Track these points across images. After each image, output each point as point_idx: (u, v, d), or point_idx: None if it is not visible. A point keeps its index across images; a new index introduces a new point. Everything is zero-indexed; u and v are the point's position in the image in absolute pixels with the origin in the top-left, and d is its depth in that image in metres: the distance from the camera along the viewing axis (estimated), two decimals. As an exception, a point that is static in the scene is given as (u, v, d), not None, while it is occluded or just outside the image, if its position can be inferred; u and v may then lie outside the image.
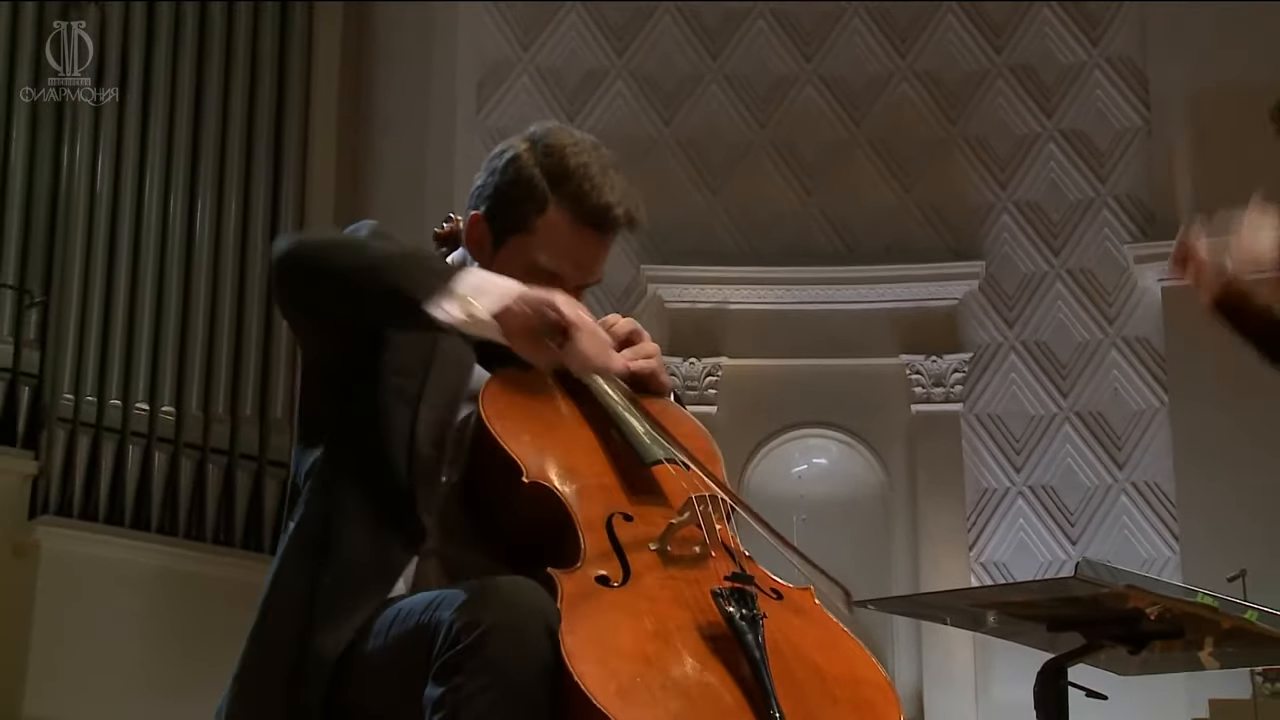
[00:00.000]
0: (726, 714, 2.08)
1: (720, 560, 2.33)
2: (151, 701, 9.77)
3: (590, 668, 2.07)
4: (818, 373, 10.71)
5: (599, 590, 2.23)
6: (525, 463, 2.39)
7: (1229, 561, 8.34)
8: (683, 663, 2.14)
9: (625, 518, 2.37)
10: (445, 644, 2.08)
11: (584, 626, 2.13)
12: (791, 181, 11.33)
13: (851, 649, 2.30)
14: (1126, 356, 10.86)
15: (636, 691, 2.07)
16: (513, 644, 2.07)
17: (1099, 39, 11.30)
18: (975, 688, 10.12)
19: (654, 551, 2.32)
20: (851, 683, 2.23)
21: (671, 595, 2.24)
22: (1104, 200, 11.13)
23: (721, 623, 2.18)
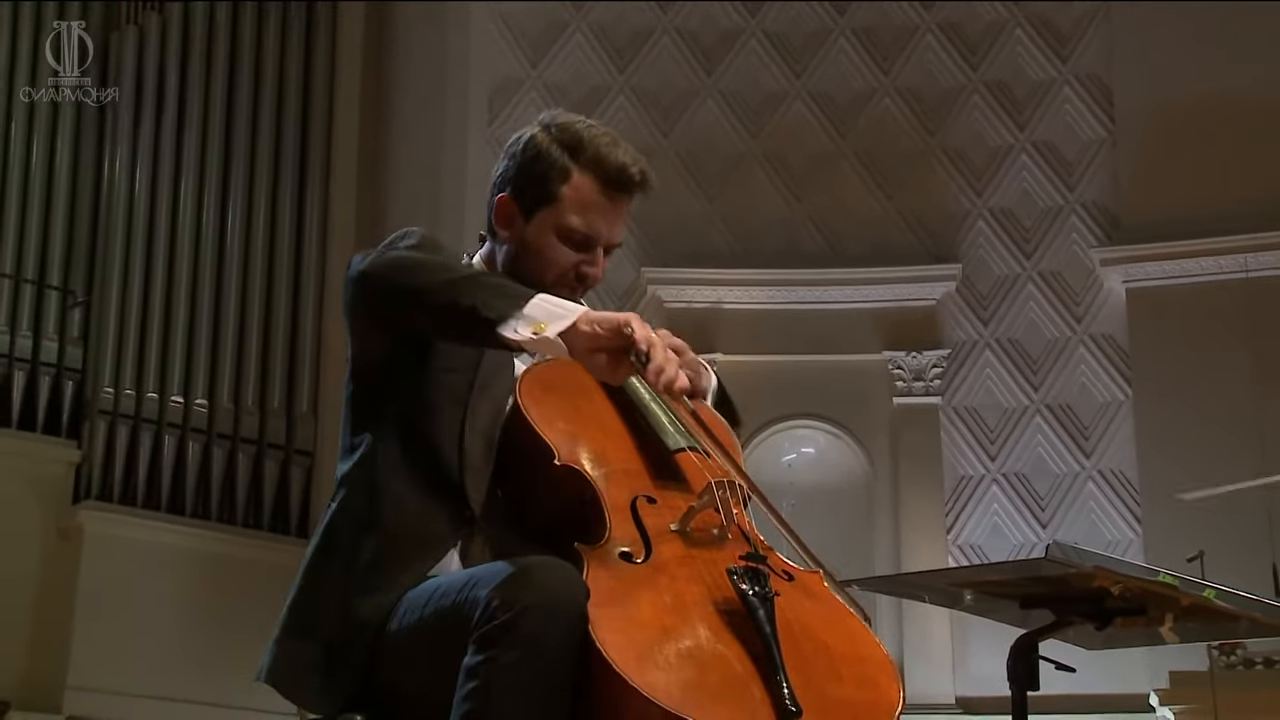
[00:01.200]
0: (738, 684, 2.09)
1: (736, 542, 2.33)
2: (186, 671, 9.78)
3: (612, 636, 2.08)
4: (806, 368, 10.71)
5: (622, 565, 2.24)
6: (558, 447, 2.41)
7: (1188, 543, 8.33)
8: (698, 635, 2.14)
9: (649, 500, 2.38)
10: (483, 618, 2.09)
11: (607, 598, 2.14)
12: (781, 190, 11.32)
13: (856, 629, 2.30)
14: (1093, 353, 10.85)
15: (654, 659, 2.07)
16: (546, 623, 2.07)
17: (1067, 57, 11.29)
18: (952, 661, 10.11)
19: (675, 532, 2.33)
20: (856, 660, 2.23)
21: (690, 573, 2.25)
22: (1072, 207, 11.12)
23: (736, 600, 2.18)
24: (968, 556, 10.39)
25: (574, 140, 2.67)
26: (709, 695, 2.05)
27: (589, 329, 2.26)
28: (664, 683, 2.04)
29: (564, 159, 2.64)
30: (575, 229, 2.63)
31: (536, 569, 2.14)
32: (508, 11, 11.47)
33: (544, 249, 2.62)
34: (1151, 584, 2.75)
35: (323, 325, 11.05)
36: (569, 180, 2.64)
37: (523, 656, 2.06)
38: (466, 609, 2.14)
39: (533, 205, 2.64)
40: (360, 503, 2.46)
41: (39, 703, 8.95)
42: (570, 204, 2.64)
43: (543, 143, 2.66)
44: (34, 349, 10.15)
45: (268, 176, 11.11)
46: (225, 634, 10.09)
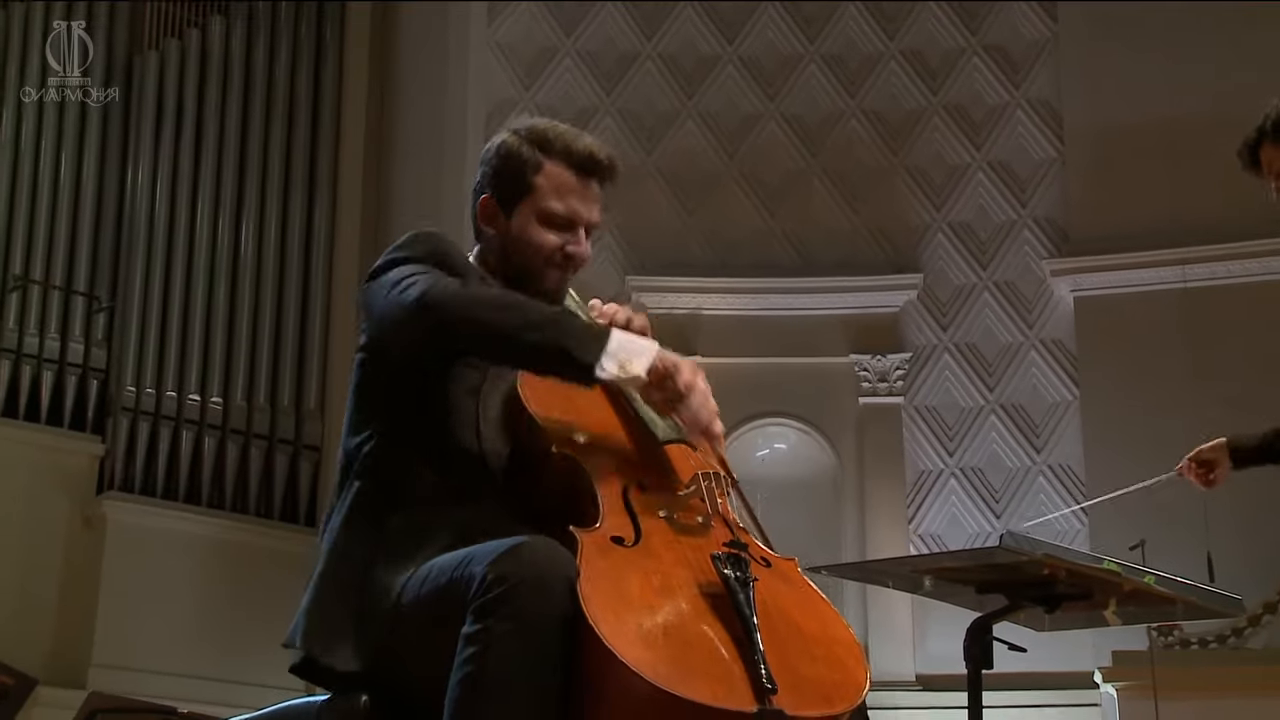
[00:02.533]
0: (718, 661, 2.09)
1: (720, 530, 2.34)
2: (202, 651, 9.79)
3: (603, 613, 2.08)
4: (778, 370, 10.72)
5: (614, 548, 2.24)
6: (555, 436, 2.42)
7: (1130, 533, 8.33)
8: (683, 614, 2.15)
9: (640, 487, 2.38)
10: (479, 591, 2.10)
11: (599, 578, 2.14)
12: (756, 204, 11.33)
13: (827, 613, 2.31)
14: (1044, 356, 10.87)
15: (642, 636, 2.08)
16: (538, 596, 2.08)
17: (1020, 83, 11.31)
18: (913, 642, 10.12)
19: (663, 519, 2.33)
20: (827, 641, 2.23)
21: (676, 557, 2.25)
22: (1025, 222, 11.14)
23: (719, 583, 2.19)
24: (928, 545, 10.40)
25: (541, 137, 2.71)
26: (691, 671, 2.05)
27: (660, 366, 2.29)
28: (650, 658, 2.04)
29: (535, 154, 2.68)
30: (556, 212, 2.66)
31: (528, 547, 2.15)
32: (503, 39, 11.48)
33: (530, 236, 2.64)
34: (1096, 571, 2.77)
35: (329, 328, 11.06)
36: (542, 170, 2.68)
37: (516, 627, 2.07)
38: (463, 584, 2.15)
39: (512, 199, 2.66)
40: (386, 480, 2.45)
41: (65, 679, 8.94)
42: (547, 191, 2.67)
43: (514, 144, 2.70)
44: (61, 350, 10.16)
45: (279, 191, 11.12)
46: (238, 614, 10.10)
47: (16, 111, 10.35)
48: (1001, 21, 11.41)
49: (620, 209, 10.43)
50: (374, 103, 11.61)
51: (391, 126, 11.69)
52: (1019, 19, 11.40)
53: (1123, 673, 9.20)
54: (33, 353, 10.04)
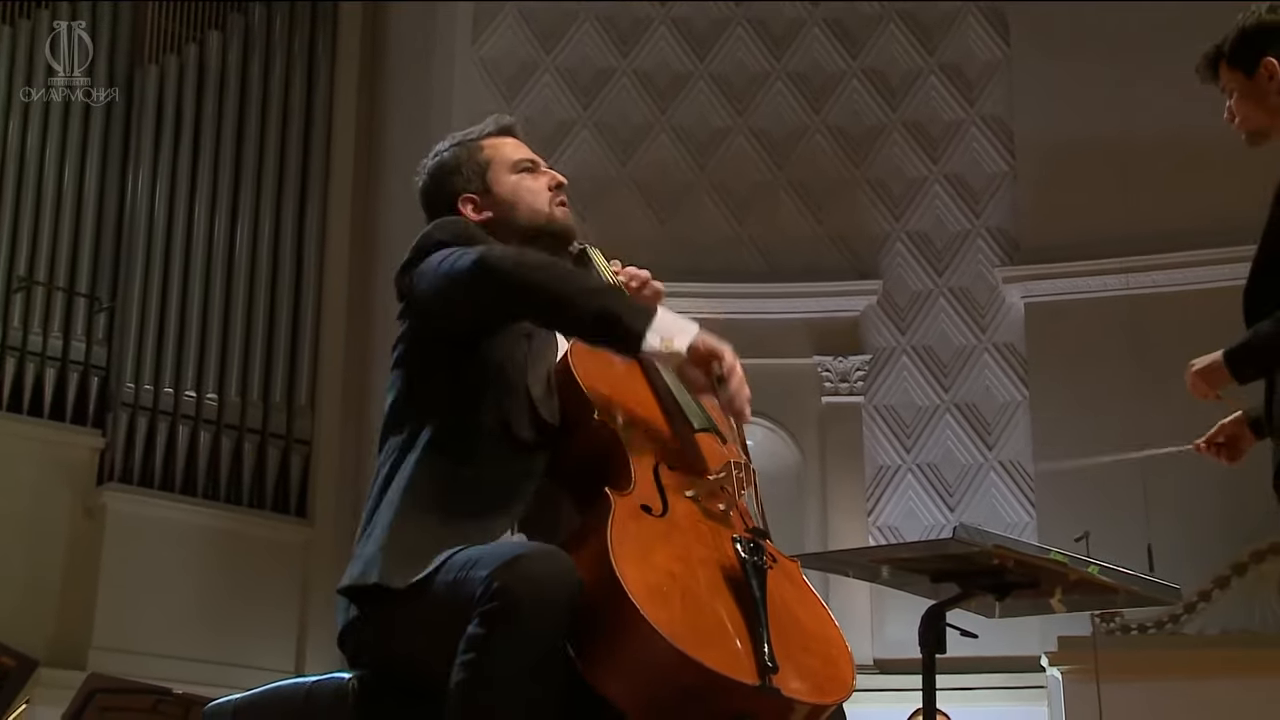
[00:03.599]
0: (727, 634, 2.09)
1: (739, 519, 2.35)
2: (197, 632, 9.77)
3: (629, 570, 2.08)
4: (745, 370, 10.72)
5: (642, 515, 2.24)
6: (598, 406, 2.42)
7: (1076, 525, 8.38)
8: (699, 585, 2.15)
9: (670, 466, 2.38)
10: (484, 598, 2.08)
11: (629, 539, 2.15)
12: (725, 214, 11.34)
13: (824, 614, 2.32)
14: (995, 359, 10.91)
15: (663, 598, 2.08)
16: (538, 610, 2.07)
17: (974, 101, 11.35)
18: (871, 628, 10.14)
19: (689, 498, 2.33)
20: (823, 640, 2.25)
21: (698, 535, 2.25)
22: (978, 232, 11.17)
23: (735, 565, 2.19)
24: (886, 536, 10.43)
25: (465, 136, 2.78)
26: (704, 637, 2.06)
27: (701, 345, 2.29)
28: (668, 619, 2.05)
29: (467, 144, 2.75)
30: (522, 157, 2.73)
31: (531, 559, 2.12)
32: (486, 55, 11.46)
33: (519, 189, 2.68)
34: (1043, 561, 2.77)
35: (320, 328, 11.04)
36: (482, 148, 2.74)
37: (516, 636, 2.06)
38: (467, 587, 2.14)
39: (479, 179, 2.69)
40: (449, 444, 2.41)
41: (66, 660, 8.90)
42: (499, 153, 2.73)
43: (446, 153, 2.76)
44: (64, 348, 10.12)
45: (272, 198, 11.09)
46: (232, 600, 10.09)
47: (23, 122, 10.30)
48: (957, 43, 11.45)
49: (596, 217, 10.44)
50: (363, 113, 11.60)
51: (379, 136, 11.66)
52: (973, 40, 11.44)
53: (1068, 657, 9.24)
54: (37, 350, 10.00)
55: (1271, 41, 3.36)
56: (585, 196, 11.06)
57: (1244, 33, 3.38)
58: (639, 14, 11.60)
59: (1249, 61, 3.37)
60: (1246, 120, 3.44)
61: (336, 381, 10.95)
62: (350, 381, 10.87)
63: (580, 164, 11.13)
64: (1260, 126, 3.42)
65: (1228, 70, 3.44)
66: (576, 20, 11.58)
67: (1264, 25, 3.39)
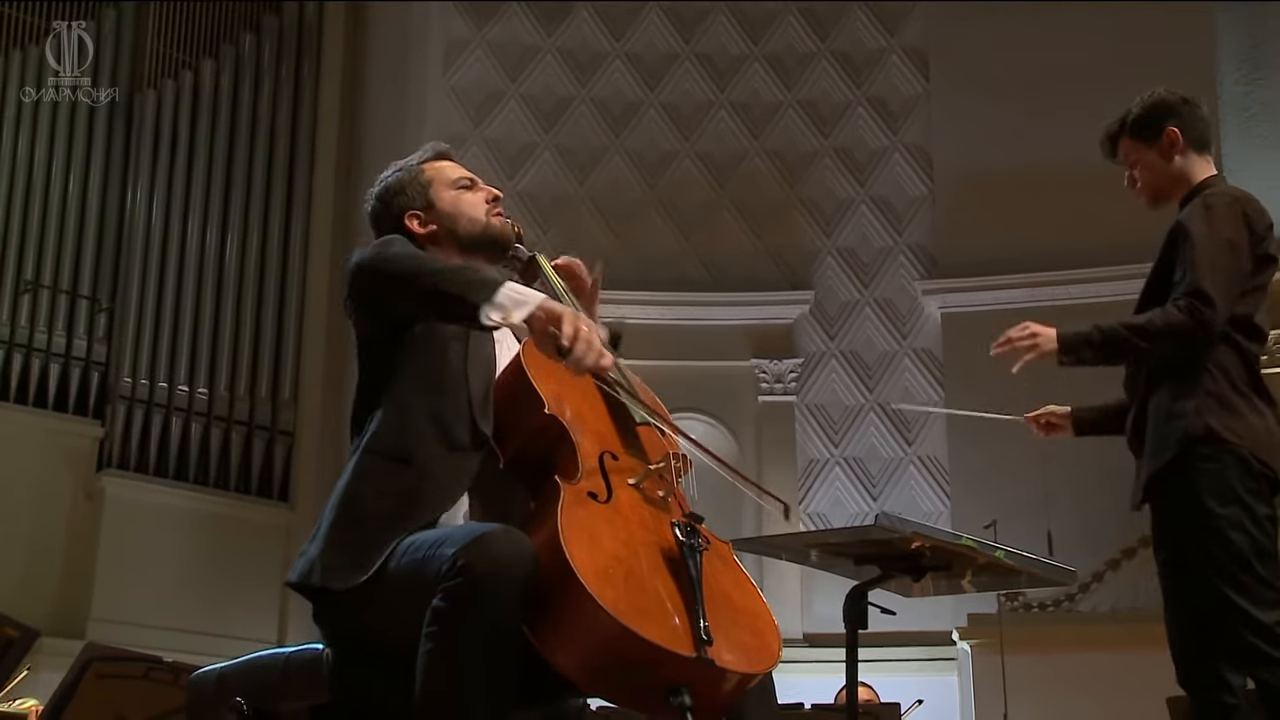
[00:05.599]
0: (666, 611, 2.09)
1: (676, 505, 2.34)
2: (187, 606, 9.72)
3: (578, 552, 2.07)
4: (690, 371, 10.74)
5: (589, 501, 2.23)
6: (548, 399, 2.40)
7: (985, 514, 8.43)
8: (641, 565, 2.14)
9: (613, 456, 2.37)
10: (448, 574, 2.07)
11: (577, 523, 2.14)
12: (673, 229, 11.35)
13: (753, 592, 2.32)
14: (915, 363, 10.96)
15: (608, 575, 2.08)
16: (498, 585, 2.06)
17: (898, 130, 11.41)
18: (801, 605, 10.16)
19: (632, 486, 2.32)
20: (751, 614, 2.25)
21: (640, 520, 2.25)
22: (900, 248, 11.23)
23: (674, 547, 2.19)
24: (815, 523, 10.45)
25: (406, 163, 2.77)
26: (645, 613, 2.06)
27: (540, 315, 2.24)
28: (614, 597, 2.04)
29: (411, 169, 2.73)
30: (459, 176, 2.70)
31: (493, 538, 2.12)
32: (457, 84, 11.43)
33: (459, 203, 2.66)
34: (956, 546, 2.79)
35: (303, 330, 11.00)
36: (423, 171, 2.71)
37: (478, 611, 2.05)
38: (434, 564, 2.12)
39: (422, 196, 2.67)
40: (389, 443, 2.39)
41: (66, 631, 8.82)
42: (439, 175, 2.70)
43: (392, 177, 2.75)
44: (67, 345, 10.06)
45: (260, 209, 11.05)
46: (219, 577, 10.04)
47: (31, 138, 10.22)
48: (882, 78, 11.51)
49: (555, 231, 10.43)
50: (344, 134, 11.55)
51: (358, 155, 11.61)
52: (897, 77, 11.49)
53: (976, 632, 9.30)
54: (42, 347, 9.94)
55: (1172, 114, 3.47)
56: (546, 212, 11.05)
57: (1147, 107, 3.49)
58: (595, 48, 11.61)
59: (1152, 131, 3.47)
60: (1148, 186, 3.53)
61: (317, 377, 10.90)
62: (330, 377, 10.82)
63: (542, 183, 11.14)
64: (1161, 190, 3.51)
65: (1130, 142, 3.53)
66: (539, 53, 11.57)
67: (1165, 101, 3.51)
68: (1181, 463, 3.22)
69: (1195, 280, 3.20)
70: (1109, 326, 3.36)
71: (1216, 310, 3.20)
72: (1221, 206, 3.34)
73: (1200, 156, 3.50)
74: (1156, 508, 3.32)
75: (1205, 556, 3.15)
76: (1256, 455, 3.17)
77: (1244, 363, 3.26)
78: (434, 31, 11.50)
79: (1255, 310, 3.32)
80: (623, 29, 11.68)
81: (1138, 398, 3.42)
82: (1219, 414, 3.20)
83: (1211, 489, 3.17)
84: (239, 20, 11.40)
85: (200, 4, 11.27)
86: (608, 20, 11.67)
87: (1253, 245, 3.31)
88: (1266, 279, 3.34)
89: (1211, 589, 3.14)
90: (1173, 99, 3.51)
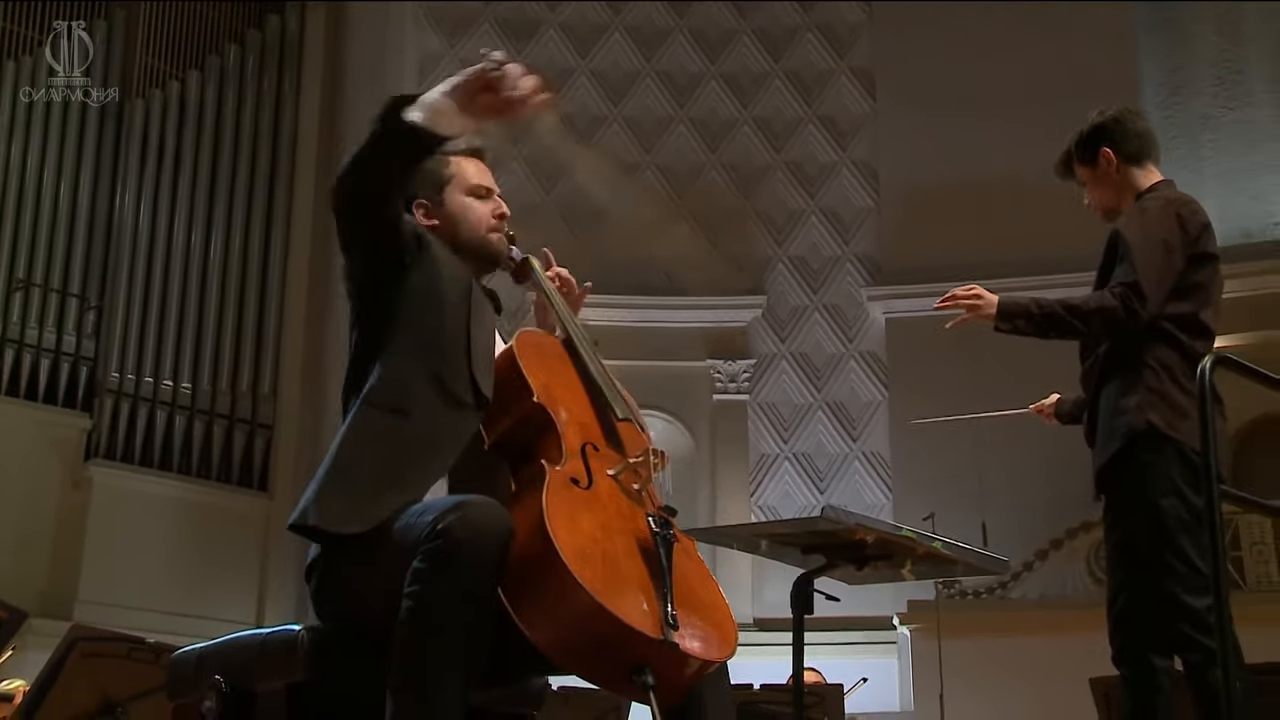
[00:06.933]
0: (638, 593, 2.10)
1: (650, 498, 2.34)
2: (170, 590, 9.68)
3: (561, 531, 2.08)
4: (650, 371, 10.74)
5: (571, 486, 2.23)
6: (537, 389, 2.40)
7: (924, 507, 8.48)
8: (617, 550, 2.15)
9: (594, 448, 2.37)
10: (429, 537, 2.06)
11: (560, 504, 2.14)
12: (635, 237, 11.35)
13: (714, 586, 2.33)
14: (860, 365, 11.01)
15: (586, 555, 2.08)
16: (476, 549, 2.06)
17: (846, 146, 11.46)
18: (752, 592, 10.19)
19: (610, 476, 2.32)
20: (712, 606, 2.25)
21: (616, 508, 2.25)
22: (848, 257, 11.28)
23: (648, 535, 2.19)
24: (765, 514, 10.49)
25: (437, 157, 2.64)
26: (618, 594, 2.06)
27: (461, 84, 2.18)
28: (591, 575, 2.05)
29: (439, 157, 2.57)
30: (479, 183, 2.64)
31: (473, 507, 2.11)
32: (431, 96, 11.39)
33: (466, 211, 2.61)
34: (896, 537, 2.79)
35: (282, 327, 10.96)
36: (449, 165, 2.63)
37: (454, 572, 2.05)
38: (415, 530, 2.12)
39: (436, 189, 2.61)
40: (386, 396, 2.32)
41: (54, 612, 8.75)
42: (462, 174, 2.64)
43: None
44: (57, 341, 9.98)
45: (242, 213, 11.01)
46: (201, 561, 9.99)
47: (24, 144, 10.13)
48: (832, 97, 11.55)
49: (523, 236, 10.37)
50: (323, 141, 11.50)
51: (337, 161, 11.40)
52: (846, 96, 11.54)
53: (915, 617, 9.36)
54: (33, 343, 9.86)
55: (1104, 137, 3.56)
56: (515, 218, 10.94)
57: (1083, 135, 3.58)
58: (562, 65, 11.60)
59: (1090, 155, 3.54)
60: (1096, 203, 3.63)
61: (296, 373, 10.85)
62: (308, 373, 10.78)
63: (511, 191, 10.95)
64: (1110, 205, 3.59)
65: (1079, 166, 3.61)
66: (509, 69, 11.52)
67: (1097, 126, 3.60)
68: (1126, 456, 3.26)
69: (1130, 274, 3.26)
70: (1047, 302, 3.43)
71: (1147, 304, 3.26)
72: (1155, 209, 3.40)
73: (1140, 168, 3.55)
74: (1107, 498, 3.36)
75: (1145, 545, 3.19)
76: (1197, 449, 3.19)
77: (1187, 360, 3.29)
78: (409, 46, 11.47)
79: (1200, 308, 3.36)
80: (587, 47, 11.68)
81: (1090, 393, 3.45)
82: (1161, 410, 3.24)
83: (1152, 481, 3.20)
84: (224, 33, 11.36)
85: (187, 18, 11.22)
86: (573, 39, 11.67)
87: (1186, 244, 3.35)
88: (1207, 276, 3.38)
89: (1149, 575, 3.18)
90: (1105, 121, 3.58)
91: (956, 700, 8.47)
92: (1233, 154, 11.04)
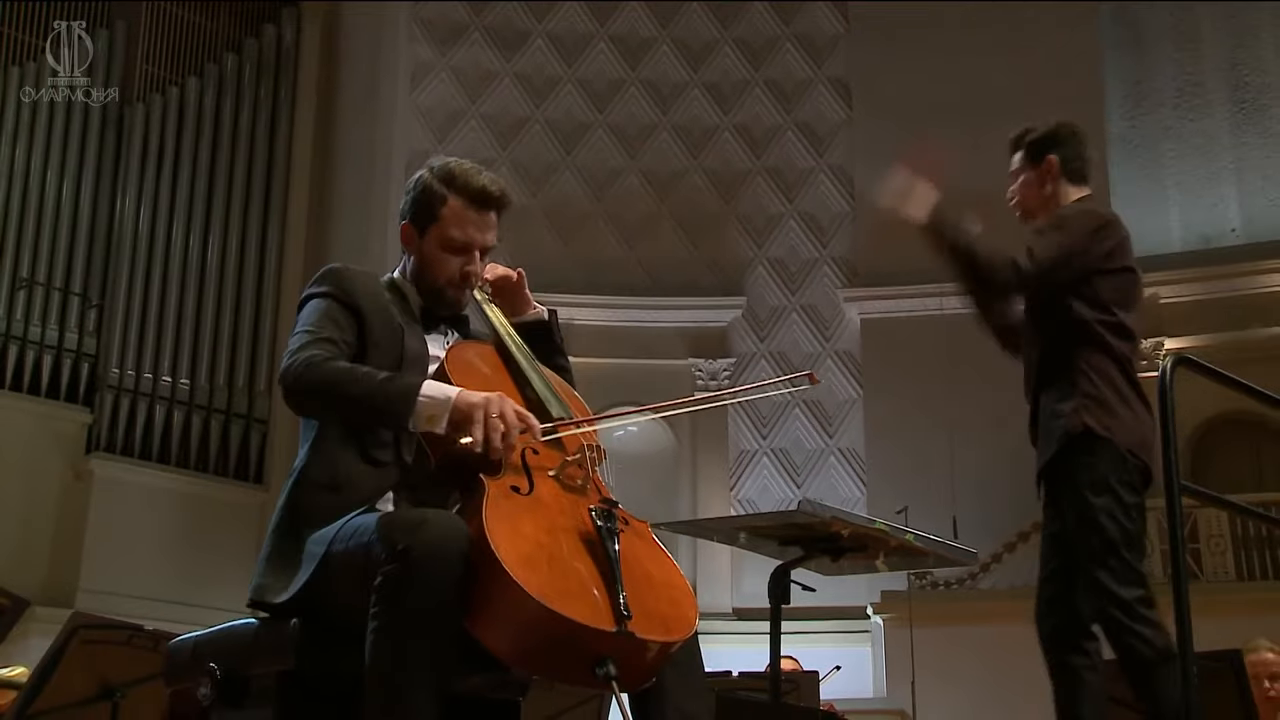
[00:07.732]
0: (588, 590, 2.07)
1: (594, 492, 2.32)
2: (168, 578, 9.66)
3: (503, 543, 2.05)
4: (632, 369, 10.75)
5: (512, 495, 2.20)
6: None
7: (897, 501, 8.49)
8: (563, 550, 2.12)
9: (534, 451, 2.35)
10: (388, 556, 2.05)
11: (501, 515, 2.11)
12: (618, 239, 11.36)
13: (669, 564, 2.29)
14: (837, 363, 11.03)
15: (531, 564, 2.05)
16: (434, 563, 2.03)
17: (823, 153, 11.48)
18: (731, 583, 10.21)
19: (551, 477, 2.29)
20: (668, 586, 2.22)
21: (560, 507, 2.22)
22: (825, 260, 11.29)
23: (593, 530, 2.16)
24: (744, 508, 10.51)
25: (447, 174, 2.54)
26: (567, 594, 2.04)
27: (458, 421, 2.21)
28: (536, 580, 2.02)
29: (441, 188, 2.51)
30: (455, 239, 2.52)
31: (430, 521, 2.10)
32: (422, 103, 11.40)
33: (435, 260, 2.54)
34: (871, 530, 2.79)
35: (277, 324, 10.93)
36: (446, 203, 2.52)
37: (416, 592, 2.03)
38: (376, 546, 2.10)
39: (424, 225, 2.55)
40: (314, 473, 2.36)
41: (56, 600, 8.72)
42: (449, 221, 2.52)
43: (427, 180, 2.57)
44: (60, 338, 9.97)
45: (239, 215, 10.99)
46: (198, 551, 9.96)
47: (28, 148, 10.10)
48: (810, 106, 11.57)
49: (511, 240, 10.37)
50: (317, 146, 11.49)
51: (330, 166, 11.53)
52: (823, 104, 11.56)
53: (888, 607, 9.37)
54: (36, 340, 9.84)
55: (1057, 145, 3.54)
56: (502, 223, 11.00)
57: (1041, 134, 3.56)
58: (549, 73, 11.60)
59: (1037, 155, 3.53)
60: (1021, 201, 3.62)
61: (291, 371, 10.82)
62: (303, 371, 10.76)
63: (500, 195, 11.11)
64: (1030, 208, 3.59)
65: (1021, 157, 3.59)
66: (498, 77, 11.55)
67: (1054, 132, 3.57)
68: (1063, 457, 3.28)
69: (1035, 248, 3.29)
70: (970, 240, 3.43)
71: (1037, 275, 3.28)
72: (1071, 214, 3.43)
73: (1074, 186, 3.55)
74: (1047, 495, 3.39)
75: (1080, 539, 3.21)
76: (1130, 449, 3.22)
77: (1118, 365, 3.32)
78: (402, 55, 11.45)
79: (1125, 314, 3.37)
80: (574, 56, 11.67)
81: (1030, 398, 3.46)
82: (1095, 413, 3.26)
83: (1087, 480, 3.23)
84: (222, 42, 11.34)
85: (187, 27, 11.20)
86: (560, 48, 11.66)
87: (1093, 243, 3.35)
88: (1128, 284, 3.39)
89: (1082, 567, 3.20)
90: (1063, 131, 3.58)
91: (927, 686, 8.49)
92: (1192, 163, 11.09)
